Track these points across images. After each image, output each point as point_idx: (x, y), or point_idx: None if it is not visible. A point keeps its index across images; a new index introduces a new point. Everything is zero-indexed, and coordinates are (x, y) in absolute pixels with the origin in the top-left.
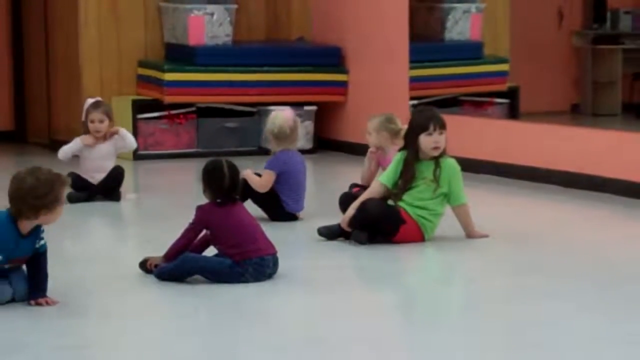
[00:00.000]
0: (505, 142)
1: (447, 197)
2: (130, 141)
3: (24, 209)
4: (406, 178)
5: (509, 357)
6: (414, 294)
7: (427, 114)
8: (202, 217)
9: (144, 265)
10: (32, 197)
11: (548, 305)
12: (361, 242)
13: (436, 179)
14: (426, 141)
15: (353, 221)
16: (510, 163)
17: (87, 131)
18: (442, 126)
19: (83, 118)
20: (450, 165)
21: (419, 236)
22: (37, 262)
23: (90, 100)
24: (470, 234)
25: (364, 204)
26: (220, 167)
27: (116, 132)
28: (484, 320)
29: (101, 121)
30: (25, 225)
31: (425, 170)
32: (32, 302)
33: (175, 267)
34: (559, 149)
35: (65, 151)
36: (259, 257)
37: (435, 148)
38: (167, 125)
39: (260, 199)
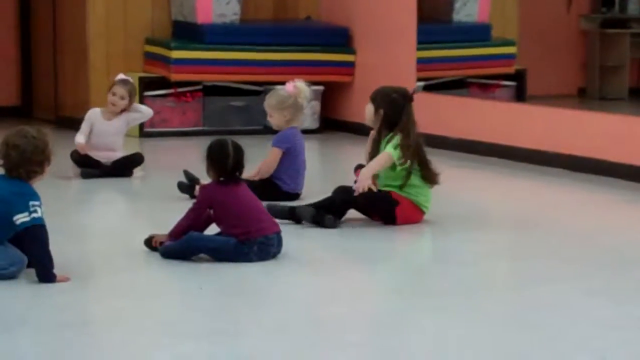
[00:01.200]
0: (511, 125)
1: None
2: (147, 109)
3: (34, 168)
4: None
5: (512, 340)
6: (416, 276)
7: (399, 87)
8: (206, 196)
9: (149, 243)
10: (38, 155)
11: (552, 289)
12: (333, 226)
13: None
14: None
15: (344, 208)
16: (516, 146)
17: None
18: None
19: (108, 90)
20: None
21: (418, 213)
22: (37, 240)
23: (121, 76)
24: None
25: (358, 197)
26: (225, 146)
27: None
28: (487, 304)
29: (122, 97)
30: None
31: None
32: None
33: (180, 245)
34: (566, 133)
35: (81, 131)
36: (263, 236)
37: None
38: (174, 103)
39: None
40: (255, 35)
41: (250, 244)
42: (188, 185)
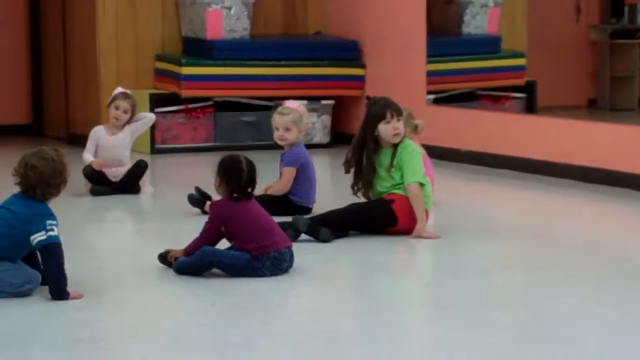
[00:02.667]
0: (522, 137)
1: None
2: (148, 115)
3: (51, 190)
4: (367, 171)
5: (525, 352)
6: (428, 288)
7: (382, 103)
8: (218, 213)
9: (164, 258)
10: (55, 177)
11: (564, 301)
12: (327, 240)
13: (392, 165)
14: (385, 129)
15: (344, 223)
16: (527, 157)
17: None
18: (398, 113)
19: (108, 104)
20: (404, 147)
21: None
22: (52, 258)
23: (120, 89)
24: (417, 230)
25: (351, 208)
26: (239, 162)
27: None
28: (500, 316)
29: (125, 111)
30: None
31: (384, 158)
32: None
33: (195, 260)
34: (576, 144)
35: (87, 150)
36: (276, 251)
37: (396, 135)
38: (185, 119)
39: (263, 201)
40: (266, 51)
41: (264, 259)
42: (198, 199)
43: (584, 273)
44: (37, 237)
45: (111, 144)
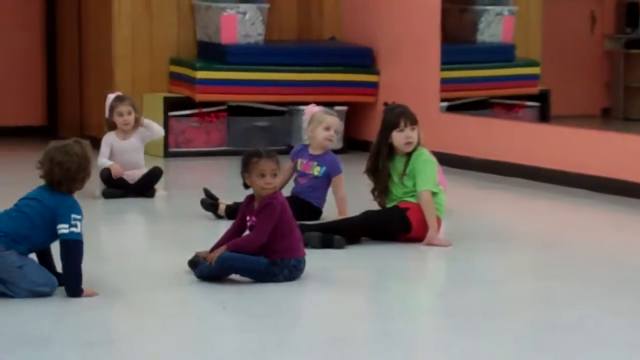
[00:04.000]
0: (535, 146)
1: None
2: (158, 129)
3: (76, 185)
4: (382, 177)
5: None
6: (439, 296)
7: (397, 111)
8: (280, 208)
9: (194, 263)
10: (80, 172)
11: (575, 310)
12: (341, 247)
13: (405, 172)
14: (398, 137)
15: (358, 230)
16: (540, 166)
17: (111, 127)
18: (412, 122)
19: (107, 114)
20: (418, 155)
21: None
22: (70, 255)
23: (112, 96)
24: (429, 238)
25: (366, 215)
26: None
27: (141, 124)
28: (510, 324)
29: (129, 113)
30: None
31: (399, 165)
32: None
33: (216, 267)
34: (590, 153)
35: (102, 155)
36: (296, 259)
37: (408, 143)
38: (198, 123)
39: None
40: (280, 56)
41: (282, 266)
42: (212, 204)
43: (595, 283)
44: (61, 229)
45: (124, 149)
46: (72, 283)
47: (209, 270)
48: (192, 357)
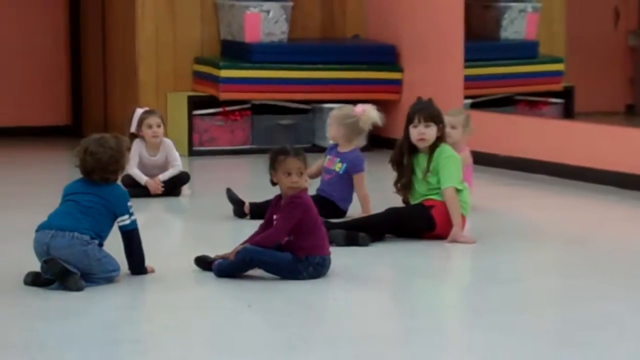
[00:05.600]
0: (560, 142)
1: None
2: (178, 164)
3: (109, 175)
4: (405, 172)
5: (559, 357)
6: (465, 293)
7: (416, 106)
8: (303, 205)
9: (201, 261)
10: (113, 165)
11: (602, 306)
12: (366, 244)
13: (429, 169)
14: (412, 133)
15: (383, 228)
16: (564, 163)
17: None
18: (427, 118)
19: (134, 129)
20: (441, 151)
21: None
22: (134, 241)
23: (140, 110)
24: (453, 235)
25: (390, 212)
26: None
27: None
28: (535, 321)
29: (158, 126)
30: None
31: (422, 161)
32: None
33: (237, 260)
34: (614, 150)
35: (135, 164)
36: (321, 257)
37: (420, 140)
38: (222, 121)
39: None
40: (303, 54)
41: (307, 264)
42: (241, 209)
43: (622, 278)
44: (122, 221)
45: (151, 165)
46: (140, 266)
47: (230, 264)
48: (217, 355)
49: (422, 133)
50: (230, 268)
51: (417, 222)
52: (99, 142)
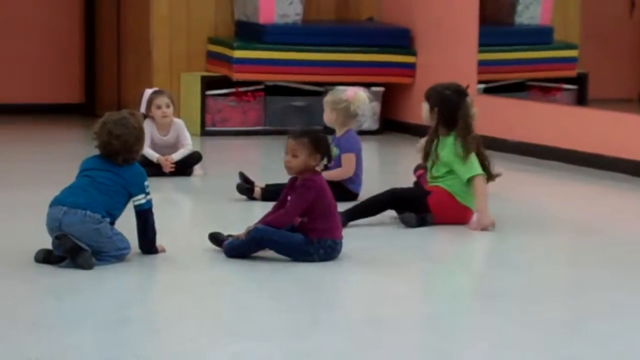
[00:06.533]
0: (572, 129)
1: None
2: (189, 144)
3: (132, 156)
4: (428, 141)
5: (568, 345)
6: (472, 278)
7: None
8: (315, 188)
9: (215, 238)
10: (137, 145)
11: (610, 295)
12: (411, 224)
13: (437, 156)
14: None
15: (386, 205)
16: (576, 150)
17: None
18: (425, 96)
19: (143, 109)
20: (446, 139)
21: (450, 200)
22: (148, 220)
23: (149, 91)
24: (476, 221)
25: (392, 190)
26: (325, 137)
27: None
28: (544, 309)
29: (167, 106)
30: None
31: (442, 146)
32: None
33: (248, 239)
34: (627, 137)
35: (147, 145)
36: (333, 240)
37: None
38: (235, 102)
39: None
40: (317, 36)
41: (318, 246)
42: (247, 188)
43: (631, 267)
44: (138, 200)
45: (162, 145)
46: (152, 244)
47: (240, 243)
48: (226, 336)
49: (423, 110)
50: (240, 247)
51: (412, 204)
52: (121, 123)
